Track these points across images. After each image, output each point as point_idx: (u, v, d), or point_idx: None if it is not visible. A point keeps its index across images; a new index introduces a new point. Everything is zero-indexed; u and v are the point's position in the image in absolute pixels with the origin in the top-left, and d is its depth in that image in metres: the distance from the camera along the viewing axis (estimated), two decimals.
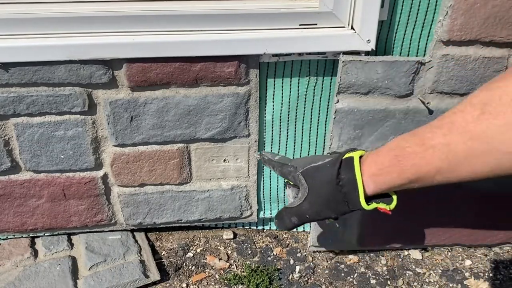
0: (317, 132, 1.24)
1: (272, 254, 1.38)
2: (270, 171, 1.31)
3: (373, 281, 1.30)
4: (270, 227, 1.46)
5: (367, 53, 1.06)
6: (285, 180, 0.99)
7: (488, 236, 1.37)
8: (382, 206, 0.81)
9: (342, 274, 1.32)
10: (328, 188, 0.83)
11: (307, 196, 0.86)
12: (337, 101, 1.11)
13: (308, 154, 1.28)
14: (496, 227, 1.35)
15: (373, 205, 0.81)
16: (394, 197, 0.82)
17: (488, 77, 1.08)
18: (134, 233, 1.39)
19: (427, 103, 1.10)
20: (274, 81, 1.14)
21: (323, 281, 1.30)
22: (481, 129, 0.62)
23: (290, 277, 1.31)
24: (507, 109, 0.59)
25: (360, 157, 0.81)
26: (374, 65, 1.05)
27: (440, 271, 1.34)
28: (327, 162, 0.85)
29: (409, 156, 0.71)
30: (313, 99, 1.18)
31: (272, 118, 1.21)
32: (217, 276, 1.30)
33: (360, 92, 1.09)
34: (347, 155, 0.81)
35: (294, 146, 1.26)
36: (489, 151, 0.62)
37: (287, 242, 1.42)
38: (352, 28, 1.03)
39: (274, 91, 1.16)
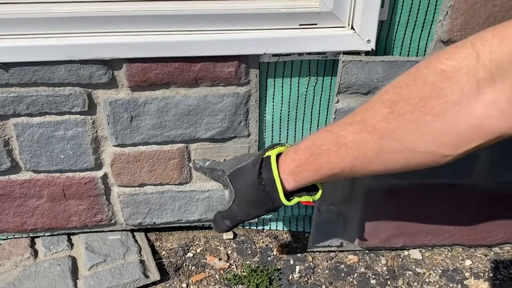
0: None
1: (272, 254, 1.38)
2: None
3: (373, 281, 1.30)
4: (270, 227, 1.46)
5: (367, 53, 1.06)
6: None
7: (488, 236, 1.37)
8: (304, 199, 0.84)
9: (342, 274, 1.32)
10: (251, 189, 0.86)
11: (234, 198, 0.89)
12: (337, 101, 1.11)
13: None
14: (497, 227, 1.35)
15: (295, 199, 0.84)
16: (320, 189, 0.85)
17: None
18: (134, 233, 1.39)
19: None
20: (274, 81, 1.14)
21: (323, 281, 1.30)
22: (390, 128, 0.63)
23: (290, 277, 1.31)
24: (415, 109, 0.60)
25: (280, 154, 0.84)
26: (374, 65, 1.05)
27: (440, 271, 1.34)
28: (249, 162, 0.87)
29: (324, 153, 0.74)
30: (313, 99, 1.18)
31: (272, 118, 1.21)
32: (217, 276, 1.30)
33: (360, 92, 1.09)
34: (266, 154, 0.84)
35: None
36: (398, 149, 0.64)
37: (287, 242, 1.42)
38: (352, 28, 1.03)
39: (274, 91, 1.16)
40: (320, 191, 0.85)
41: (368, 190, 1.26)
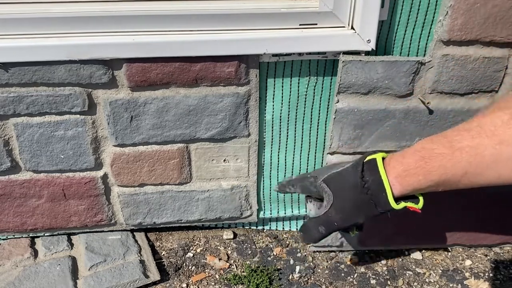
0: (317, 132, 1.24)
1: (272, 254, 1.38)
2: (270, 171, 1.31)
3: (373, 281, 1.30)
4: (270, 227, 1.46)
5: (367, 53, 1.06)
6: (306, 196, 0.97)
7: (488, 236, 1.37)
8: (411, 204, 0.80)
9: (342, 274, 1.32)
10: (353, 192, 0.82)
11: (333, 202, 0.85)
12: (337, 101, 1.11)
13: (308, 154, 1.28)
14: (497, 227, 1.35)
15: (402, 204, 0.79)
16: (421, 197, 0.81)
17: (488, 77, 1.08)
18: (134, 233, 1.39)
19: (427, 103, 1.10)
20: (274, 81, 1.14)
21: (323, 281, 1.30)
22: (510, 133, 0.61)
23: (290, 277, 1.31)
24: None
25: (383, 158, 0.80)
26: (374, 65, 1.05)
27: (440, 271, 1.34)
28: (348, 167, 0.84)
29: (436, 157, 0.71)
30: (313, 99, 1.18)
31: (272, 118, 1.21)
32: (217, 276, 1.30)
33: (360, 92, 1.09)
34: (368, 158, 0.80)
35: (294, 146, 1.26)
36: None
37: (287, 242, 1.42)
38: (352, 28, 1.03)
39: (274, 91, 1.16)
40: (421, 200, 0.81)
41: None
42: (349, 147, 1.18)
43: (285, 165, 1.30)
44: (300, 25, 1.03)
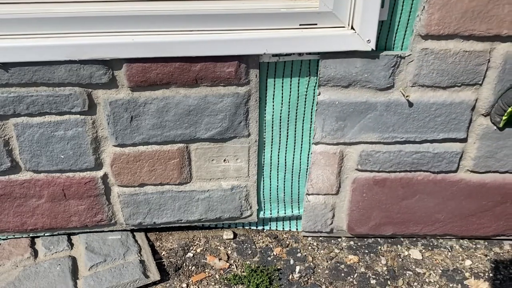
0: None
1: (272, 254, 1.38)
2: (270, 171, 1.31)
3: (373, 281, 1.30)
4: (270, 227, 1.46)
5: (368, 53, 1.07)
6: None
7: (480, 227, 1.37)
8: None
9: (342, 274, 1.32)
10: None
11: None
12: (319, 94, 1.12)
13: (308, 155, 1.28)
14: (489, 219, 1.36)
15: None
16: None
17: (470, 70, 1.09)
18: (134, 233, 1.39)
19: (406, 96, 1.11)
20: (274, 81, 1.14)
21: (323, 281, 1.30)
22: None
23: (290, 277, 1.31)
24: None
25: None
26: (352, 59, 1.06)
27: (440, 271, 1.34)
28: None
29: None
30: (313, 99, 1.18)
31: (272, 118, 1.21)
32: (217, 276, 1.30)
33: (341, 85, 1.11)
34: None
35: (294, 146, 1.26)
36: None
37: (287, 242, 1.42)
38: (352, 28, 1.03)
39: (274, 91, 1.16)
40: None
41: (355, 180, 1.28)
42: (332, 138, 1.19)
43: (285, 165, 1.30)
44: (300, 25, 1.03)
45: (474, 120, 1.17)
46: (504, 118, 1.12)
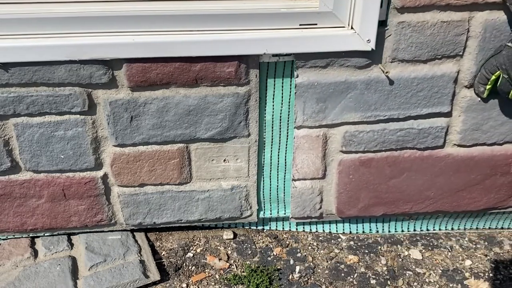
0: None
1: (272, 254, 1.38)
2: (270, 171, 1.31)
3: (373, 281, 1.30)
4: (270, 227, 1.46)
5: (368, 53, 1.07)
6: None
7: (472, 202, 1.37)
8: None
9: (342, 274, 1.32)
10: None
11: None
12: (297, 76, 1.11)
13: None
14: (479, 193, 1.35)
15: None
16: None
17: (449, 41, 1.08)
18: (134, 233, 1.39)
19: (386, 72, 1.10)
20: (274, 81, 1.14)
21: (323, 281, 1.30)
22: None
23: (290, 277, 1.31)
24: None
25: None
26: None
27: (440, 271, 1.34)
28: None
29: None
30: None
31: (272, 118, 1.21)
32: (217, 276, 1.30)
33: (319, 65, 1.10)
34: None
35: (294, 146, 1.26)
36: None
37: (287, 242, 1.42)
38: (352, 28, 1.03)
39: (274, 91, 1.16)
40: None
41: (341, 162, 1.26)
42: (314, 120, 1.18)
43: (285, 165, 1.30)
44: (300, 25, 1.03)
45: (457, 93, 1.16)
46: (487, 87, 1.10)
